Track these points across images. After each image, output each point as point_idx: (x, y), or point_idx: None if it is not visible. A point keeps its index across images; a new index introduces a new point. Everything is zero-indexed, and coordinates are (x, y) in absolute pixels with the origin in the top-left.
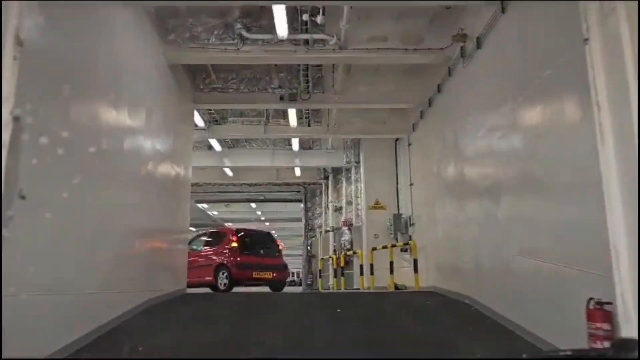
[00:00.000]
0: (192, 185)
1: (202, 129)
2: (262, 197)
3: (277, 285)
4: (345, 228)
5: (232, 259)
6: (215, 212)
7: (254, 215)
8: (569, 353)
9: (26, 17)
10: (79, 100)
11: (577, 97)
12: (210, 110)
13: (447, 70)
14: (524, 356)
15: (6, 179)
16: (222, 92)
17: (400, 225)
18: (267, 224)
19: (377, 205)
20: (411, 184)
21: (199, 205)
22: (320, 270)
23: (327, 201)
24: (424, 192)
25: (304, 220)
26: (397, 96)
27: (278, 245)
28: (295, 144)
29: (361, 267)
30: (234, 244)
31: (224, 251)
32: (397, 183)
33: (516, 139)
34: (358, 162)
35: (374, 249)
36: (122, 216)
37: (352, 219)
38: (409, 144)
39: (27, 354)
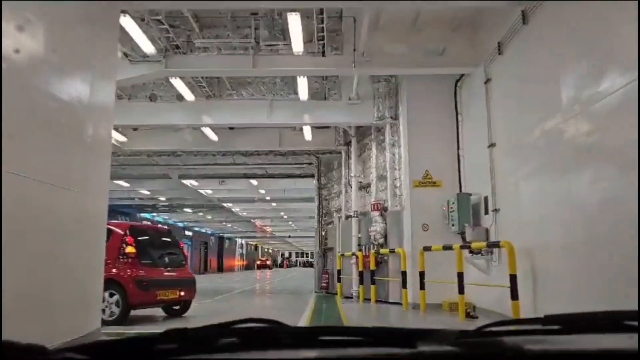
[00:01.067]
0: (167, 154)
1: (155, 60)
2: (264, 172)
3: (182, 307)
4: (375, 214)
5: (128, 272)
6: (208, 191)
7: (256, 194)
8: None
9: None
10: None
11: None
12: (164, 25)
13: None
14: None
15: None
16: None
17: (468, 211)
18: (273, 204)
19: (427, 181)
20: (491, 146)
21: (185, 182)
22: (339, 271)
23: (349, 176)
24: (518, 158)
25: (317, 201)
26: None
27: (182, 250)
28: (303, 90)
29: (403, 274)
30: (130, 249)
31: (113, 260)
32: (459, 147)
33: None
34: (396, 118)
35: (427, 249)
36: None
37: (385, 201)
38: (487, 80)
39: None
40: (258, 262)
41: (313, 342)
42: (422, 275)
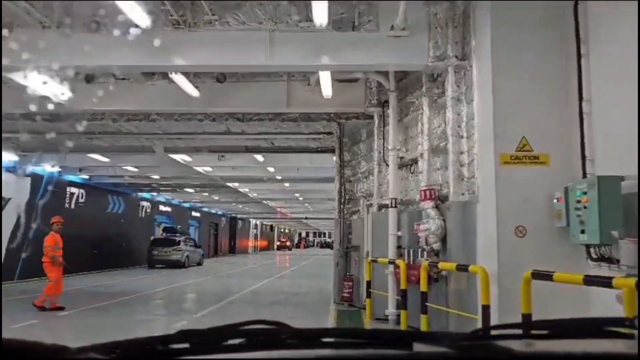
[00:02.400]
0: (138, 119)
1: None
2: (270, 144)
3: None
4: (427, 205)
5: None
6: (207, 168)
7: (264, 173)
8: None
9: None
10: None
11: None
12: None
13: None
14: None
15: None
16: None
17: (618, 208)
18: (286, 185)
19: (523, 155)
20: None
21: (175, 157)
22: (369, 283)
23: (383, 149)
24: None
25: (337, 183)
26: None
27: None
28: (320, 14)
29: (485, 311)
30: None
31: None
32: (582, 98)
33: None
34: (465, 58)
35: (540, 276)
36: None
37: (443, 185)
38: None
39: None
40: (278, 243)
41: (316, 343)
42: (527, 319)
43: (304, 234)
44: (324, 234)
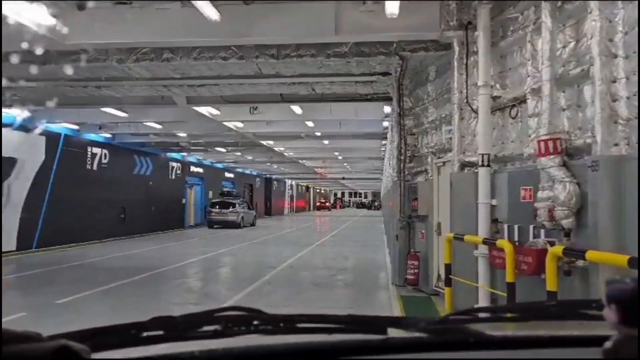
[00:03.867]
0: (147, 58)
1: None
2: (310, 91)
3: None
4: (550, 162)
5: None
6: (238, 124)
7: (302, 128)
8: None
9: None
10: None
11: None
12: None
13: None
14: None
15: None
16: None
17: None
18: (325, 142)
19: None
20: None
21: (200, 109)
22: (448, 266)
23: (466, 87)
24: None
25: (396, 136)
26: None
27: None
28: None
29: None
30: None
31: None
32: None
33: None
34: None
35: None
36: None
37: (576, 133)
38: None
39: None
40: (317, 204)
41: (291, 329)
42: None
43: (339, 194)
44: (360, 194)
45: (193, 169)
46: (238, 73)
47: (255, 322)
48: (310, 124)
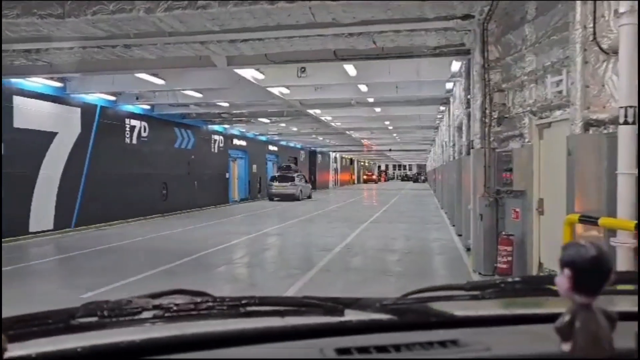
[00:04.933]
0: (173, 6)
1: None
2: (371, 43)
3: None
4: None
5: None
6: (284, 90)
7: (354, 93)
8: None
9: None
10: None
11: None
12: None
13: None
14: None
15: None
16: None
17: None
18: (377, 110)
19: None
20: None
21: (242, 72)
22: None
23: (593, 19)
24: None
25: (479, 95)
26: None
27: None
28: None
29: None
30: None
31: None
32: None
33: None
34: None
35: None
36: None
37: None
38: None
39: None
40: (364, 177)
41: (241, 313)
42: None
43: (383, 167)
44: (404, 166)
45: (236, 141)
46: (286, 22)
47: (201, 307)
48: (363, 88)
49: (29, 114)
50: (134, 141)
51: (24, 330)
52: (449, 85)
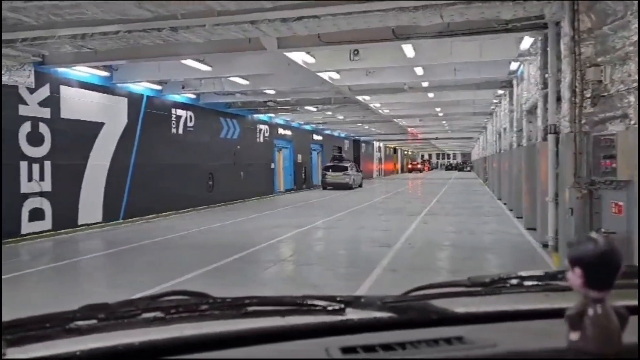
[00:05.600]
0: None
1: None
2: (438, 18)
3: None
4: None
5: None
6: (334, 74)
7: (408, 77)
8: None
9: None
10: None
11: None
12: None
13: None
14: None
15: None
16: None
17: None
18: (430, 95)
19: None
20: None
21: (291, 56)
22: None
23: None
24: None
25: (568, 71)
26: None
27: None
28: None
29: None
30: None
31: None
32: None
33: None
34: None
35: None
36: None
37: None
38: None
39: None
40: (409, 166)
41: (240, 314)
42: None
43: (426, 156)
44: (448, 155)
45: (281, 131)
46: None
47: (201, 308)
48: (419, 71)
49: (76, 104)
50: (180, 131)
51: (22, 334)
52: (513, 66)
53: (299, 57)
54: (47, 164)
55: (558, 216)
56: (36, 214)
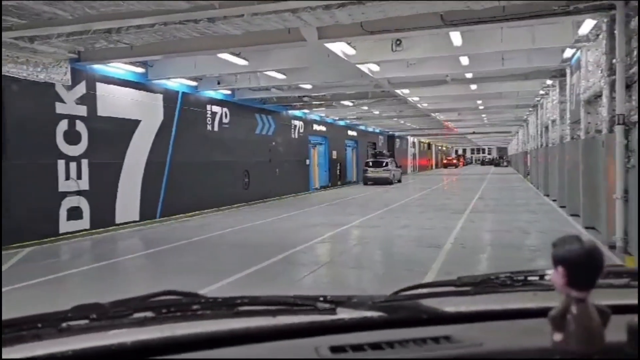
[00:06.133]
0: None
1: None
2: (492, 4)
3: None
4: None
5: None
6: (373, 66)
7: (451, 67)
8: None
9: None
10: None
11: None
12: None
13: None
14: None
15: None
16: None
17: None
18: (473, 87)
19: None
20: None
21: (332, 47)
22: None
23: None
24: None
25: (637, 53)
26: None
27: None
28: None
29: None
30: None
31: None
32: None
33: None
34: None
35: None
36: None
37: None
38: None
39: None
40: (444, 161)
41: (231, 313)
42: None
43: (460, 151)
44: (483, 150)
45: (316, 127)
46: None
47: (193, 307)
48: (464, 60)
49: (112, 101)
50: (216, 128)
51: (14, 334)
52: (567, 53)
53: (339, 47)
54: (84, 163)
55: (628, 215)
56: (74, 213)
